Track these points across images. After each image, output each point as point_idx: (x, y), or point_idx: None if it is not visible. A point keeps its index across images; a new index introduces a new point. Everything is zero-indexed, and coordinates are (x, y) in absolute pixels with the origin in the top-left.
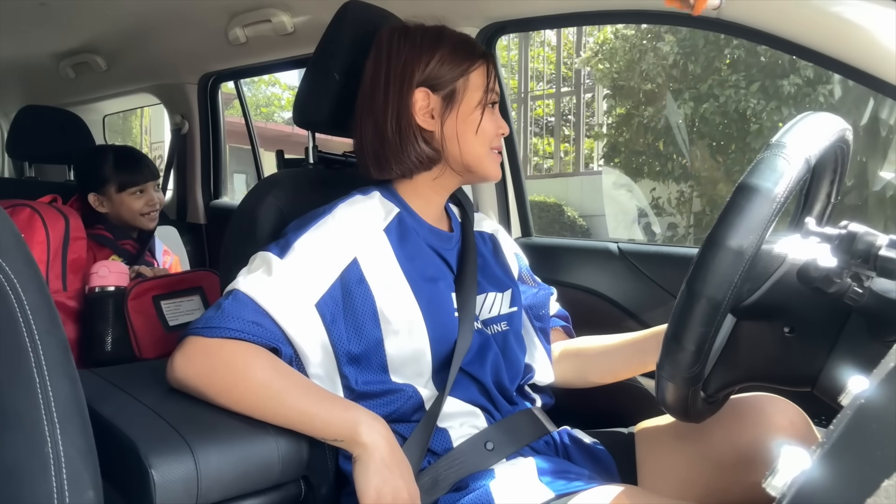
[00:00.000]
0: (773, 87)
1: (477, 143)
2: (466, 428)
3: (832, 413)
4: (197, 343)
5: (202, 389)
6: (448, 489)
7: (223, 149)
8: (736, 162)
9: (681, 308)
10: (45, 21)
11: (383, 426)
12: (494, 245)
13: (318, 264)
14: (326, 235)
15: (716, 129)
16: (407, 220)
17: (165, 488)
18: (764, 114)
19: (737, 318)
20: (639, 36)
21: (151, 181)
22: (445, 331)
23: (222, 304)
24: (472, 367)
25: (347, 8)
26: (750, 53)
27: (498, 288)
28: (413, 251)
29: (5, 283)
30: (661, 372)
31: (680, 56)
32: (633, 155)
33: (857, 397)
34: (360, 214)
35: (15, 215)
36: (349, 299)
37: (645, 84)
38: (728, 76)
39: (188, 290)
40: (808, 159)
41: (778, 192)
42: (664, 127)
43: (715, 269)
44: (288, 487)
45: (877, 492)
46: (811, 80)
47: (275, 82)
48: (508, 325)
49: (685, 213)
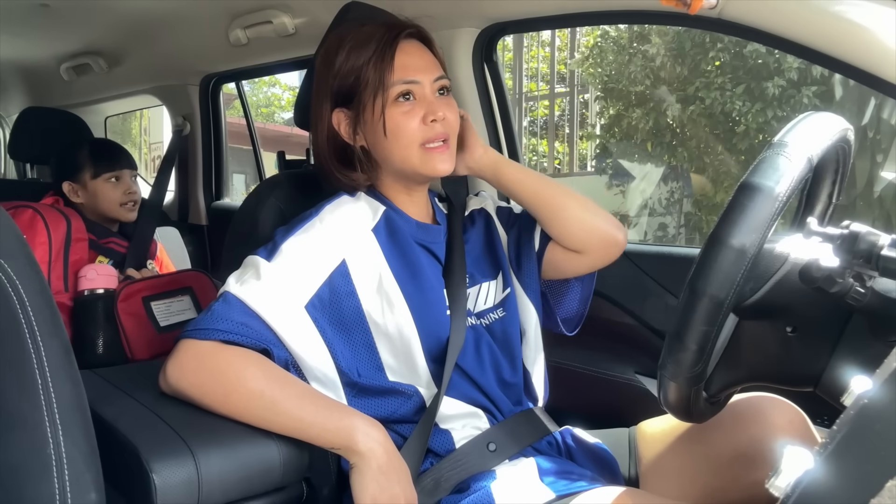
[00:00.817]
0: (759, 89)
1: (396, 147)
2: (469, 429)
3: (835, 413)
4: (188, 349)
5: (196, 400)
6: (450, 491)
7: (224, 150)
8: (722, 163)
9: (683, 307)
10: (47, 23)
11: (380, 433)
12: (483, 221)
13: (305, 267)
14: (314, 238)
15: (702, 131)
16: (394, 218)
17: (167, 492)
18: (749, 115)
19: (739, 317)
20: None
21: (128, 169)
22: (437, 329)
23: (212, 307)
24: (470, 369)
25: (348, 9)
26: (736, 56)
27: (490, 275)
28: (402, 249)
29: (7, 285)
30: (664, 371)
31: (667, 58)
32: (624, 156)
33: (861, 397)
34: (347, 216)
35: (17, 216)
36: (336, 302)
37: (633, 86)
38: (714, 78)
39: (178, 291)
40: (811, 158)
41: (780, 190)
42: (653, 128)
43: (718, 268)
44: (289, 489)
45: (881, 492)
46: (795, 82)
47: (275, 83)
48: (504, 310)
49: (675, 214)
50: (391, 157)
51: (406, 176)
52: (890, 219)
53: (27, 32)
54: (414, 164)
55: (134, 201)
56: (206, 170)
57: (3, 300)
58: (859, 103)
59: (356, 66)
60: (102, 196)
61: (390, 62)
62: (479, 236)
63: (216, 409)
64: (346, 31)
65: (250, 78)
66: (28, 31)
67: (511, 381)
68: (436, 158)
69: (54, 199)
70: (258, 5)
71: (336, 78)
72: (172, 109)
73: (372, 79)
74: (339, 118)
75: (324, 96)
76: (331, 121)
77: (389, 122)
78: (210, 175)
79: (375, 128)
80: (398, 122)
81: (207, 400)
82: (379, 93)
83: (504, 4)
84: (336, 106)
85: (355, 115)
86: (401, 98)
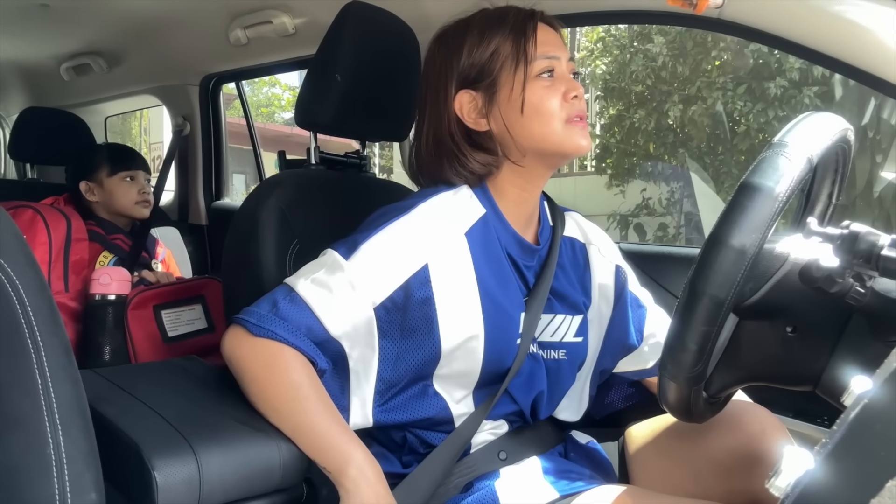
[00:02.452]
0: (760, 89)
1: (534, 124)
2: (486, 435)
3: (835, 413)
4: (239, 336)
5: (240, 373)
6: (457, 492)
7: (224, 150)
8: (723, 163)
9: (683, 307)
10: (47, 23)
11: (374, 473)
12: (583, 258)
13: (382, 268)
14: (398, 236)
15: (703, 131)
16: (492, 224)
17: (168, 490)
18: (751, 115)
19: (739, 317)
20: (628, 36)
21: (142, 171)
22: (503, 356)
23: (278, 303)
24: (515, 390)
25: (349, 9)
26: (737, 55)
27: (570, 311)
28: (493, 260)
29: (7, 285)
30: (664, 371)
31: (669, 58)
32: (625, 156)
33: (861, 397)
34: (441, 215)
35: (17, 217)
36: (409, 307)
37: (635, 86)
38: (716, 78)
39: (189, 300)
40: (811, 158)
41: (780, 190)
42: (654, 128)
43: (717, 268)
44: (290, 490)
45: (881, 492)
46: (796, 83)
47: (275, 83)
48: (567, 354)
49: (675, 214)
50: (530, 136)
51: (543, 157)
52: (890, 219)
53: (27, 32)
54: (558, 140)
55: (148, 200)
56: (206, 170)
57: (3, 300)
58: (859, 103)
59: (491, 43)
60: (119, 193)
61: (532, 36)
62: (571, 265)
63: (253, 388)
64: (468, 18)
65: (250, 78)
66: (28, 32)
67: (546, 411)
68: (578, 133)
69: (55, 199)
70: (258, 5)
71: (465, 57)
72: (172, 109)
73: (512, 54)
74: (461, 101)
75: (446, 79)
76: (452, 106)
77: (532, 97)
78: (210, 175)
79: (512, 106)
80: (541, 96)
81: (249, 376)
82: (521, 67)
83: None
84: (460, 88)
85: (486, 97)
86: (544, 74)
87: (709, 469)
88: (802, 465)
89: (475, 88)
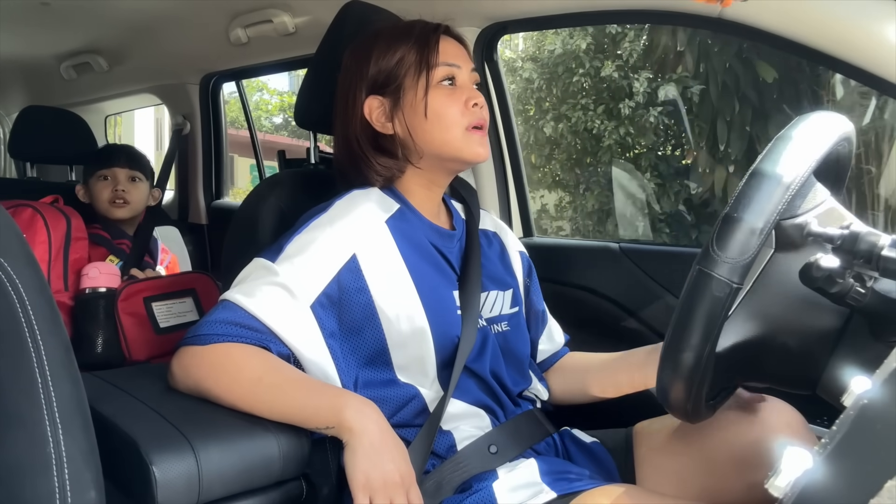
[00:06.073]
0: (616, 109)
1: (435, 129)
2: (471, 429)
3: (835, 413)
4: (188, 352)
5: (203, 392)
6: (452, 492)
7: (224, 149)
8: (592, 174)
9: (683, 306)
10: (47, 21)
11: (373, 410)
12: (498, 244)
13: (310, 266)
14: (321, 234)
15: (571, 147)
16: (408, 216)
17: (167, 485)
18: (607, 132)
19: (739, 315)
20: (514, 58)
21: (119, 168)
22: (448, 328)
23: (213, 314)
24: (477, 369)
25: (349, 8)
26: (598, 80)
27: (500, 286)
28: (415, 245)
29: (7, 284)
30: (664, 371)
31: (543, 81)
32: (533, 167)
33: (860, 398)
34: (359, 209)
35: (17, 215)
36: (346, 299)
37: (518, 105)
38: (579, 100)
39: (180, 293)
40: (811, 157)
41: (818, 134)
42: (533, 142)
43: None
44: (289, 487)
45: (881, 492)
46: (642, 104)
47: (262, 87)
48: (509, 325)
49: (566, 219)
50: (431, 142)
51: (442, 162)
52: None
53: (27, 31)
54: (456, 147)
55: (123, 200)
56: (206, 169)
57: (3, 300)
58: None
59: (397, 51)
60: (95, 194)
61: (435, 46)
62: (491, 250)
63: (221, 399)
64: (378, 28)
65: (250, 77)
66: (28, 30)
67: (516, 384)
68: (477, 141)
69: (55, 198)
70: (258, 4)
71: (373, 64)
72: (172, 108)
73: (416, 61)
74: (370, 105)
75: (356, 85)
76: (361, 109)
77: (433, 103)
78: (210, 174)
79: (415, 111)
80: (442, 103)
81: (214, 394)
82: (423, 74)
83: (505, 4)
84: (369, 94)
85: (392, 101)
86: (444, 81)
87: (728, 463)
88: (802, 465)
89: (383, 94)
